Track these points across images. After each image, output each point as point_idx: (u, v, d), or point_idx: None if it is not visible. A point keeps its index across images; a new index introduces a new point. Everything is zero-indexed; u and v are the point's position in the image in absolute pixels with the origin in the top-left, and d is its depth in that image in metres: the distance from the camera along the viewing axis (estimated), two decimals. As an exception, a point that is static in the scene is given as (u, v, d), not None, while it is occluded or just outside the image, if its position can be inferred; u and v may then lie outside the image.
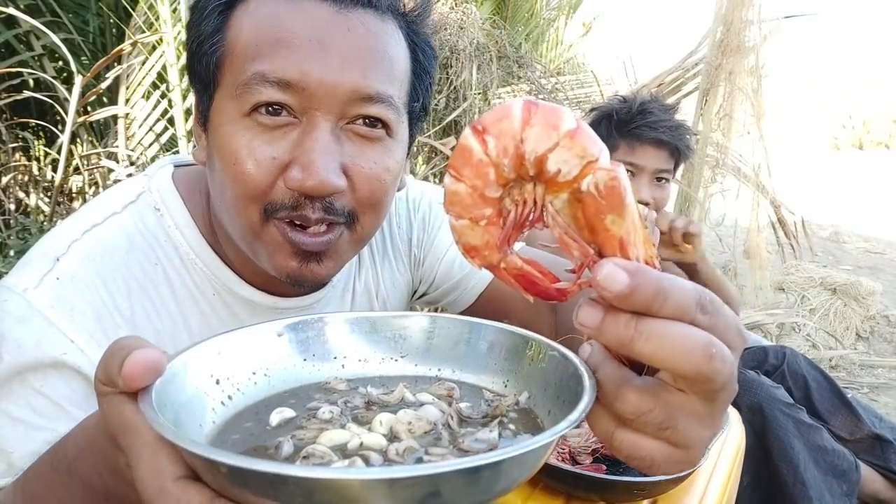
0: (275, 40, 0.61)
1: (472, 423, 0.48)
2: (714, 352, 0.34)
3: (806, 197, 7.00)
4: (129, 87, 3.37)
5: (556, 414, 0.47)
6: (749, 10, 3.28)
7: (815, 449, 1.49)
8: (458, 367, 0.57)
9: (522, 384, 0.53)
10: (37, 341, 0.62)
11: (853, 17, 37.05)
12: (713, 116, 3.41)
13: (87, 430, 0.48)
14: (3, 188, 3.28)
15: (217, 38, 0.64)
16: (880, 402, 2.77)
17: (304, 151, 0.61)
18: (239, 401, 0.49)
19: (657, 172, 1.52)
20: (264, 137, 0.62)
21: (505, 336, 0.56)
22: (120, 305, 0.67)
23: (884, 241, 6.28)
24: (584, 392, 0.41)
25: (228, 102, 0.64)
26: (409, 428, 0.46)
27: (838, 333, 3.39)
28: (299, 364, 0.54)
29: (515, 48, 5.11)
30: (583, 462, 0.86)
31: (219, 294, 0.75)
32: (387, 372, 0.57)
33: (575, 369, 0.45)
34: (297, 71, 0.61)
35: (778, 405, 1.49)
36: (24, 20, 3.12)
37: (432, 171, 4.31)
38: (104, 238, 0.69)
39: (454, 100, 4.42)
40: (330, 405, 0.49)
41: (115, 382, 0.39)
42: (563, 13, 6.90)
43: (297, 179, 0.61)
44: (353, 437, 0.44)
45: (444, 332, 0.58)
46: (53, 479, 0.51)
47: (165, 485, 0.37)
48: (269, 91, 0.61)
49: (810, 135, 20.10)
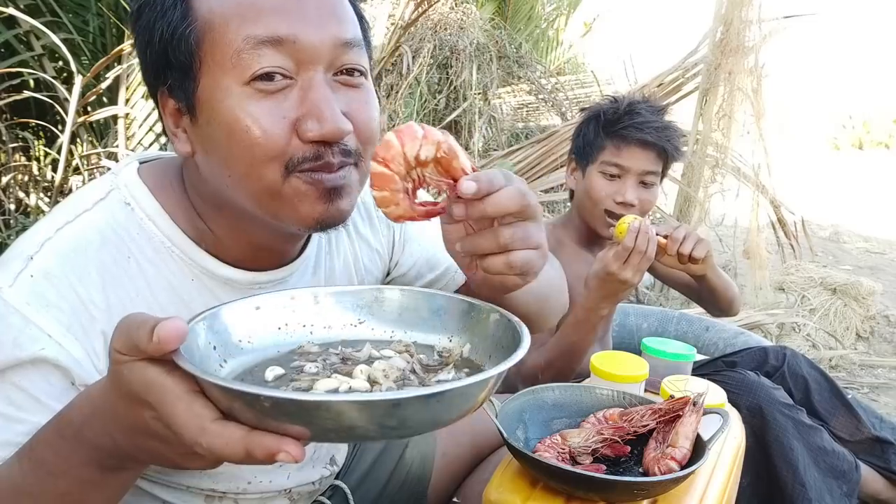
0: (256, 6, 0.65)
1: (431, 370, 0.61)
2: (523, 191, 0.59)
3: (806, 197, 6.99)
4: (129, 87, 3.36)
5: (496, 358, 0.59)
6: (749, 10, 3.28)
7: (814, 450, 1.49)
8: (408, 329, 0.68)
9: (465, 338, 0.66)
10: (14, 339, 0.64)
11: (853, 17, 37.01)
12: (713, 116, 3.41)
13: (91, 399, 0.53)
14: (3, 188, 3.28)
15: (188, 21, 0.66)
16: (880, 402, 2.77)
17: (313, 104, 0.66)
18: (232, 364, 0.59)
19: (643, 174, 1.50)
20: (269, 101, 0.66)
21: (449, 301, 0.68)
22: (95, 298, 0.69)
23: (884, 241, 6.27)
24: (521, 338, 0.56)
25: (221, 78, 0.66)
26: (385, 374, 0.57)
27: (838, 333, 3.38)
28: (274, 332, 0.64)
29: (515, 48, 5.10)
30: (583, 462, 0.87)
31: (198, 279, 0.76)
32: (348, 336, 0.68)
33: (510, 322, 0.61)
34: (284, 26, 0.65)
35: (777, 406, 1.49)
36: (24, 20, 3.11)
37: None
38: (76, 235, 0.70)
39: (454, 100, 4.42)
40: (311, 363, 0.60)
41: (137, 350, 0.46)
42: (563, 13, 6.90)
43: (315, 130, 0.66)
44: (341, 384, 0.54)
45: (395, 300, 0.70)
46: (61, 445, 0.55)
47: (205, 425, 0.45)
48: (264, 52, 0.65)
49: (810, 135, 20.10)
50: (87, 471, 0.55)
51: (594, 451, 0.87)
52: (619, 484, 0.80)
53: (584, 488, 0.81)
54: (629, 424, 0.88)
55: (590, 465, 0.86)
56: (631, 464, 0.88)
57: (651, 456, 0.84)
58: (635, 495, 0.81)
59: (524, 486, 0.85)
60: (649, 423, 0.87)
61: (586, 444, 0.86)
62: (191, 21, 0.66)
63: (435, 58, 4.31)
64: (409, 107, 4.10)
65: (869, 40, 31.71)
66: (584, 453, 0.87)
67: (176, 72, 0.69)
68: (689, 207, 3.64)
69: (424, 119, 4.33)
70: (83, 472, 0.55)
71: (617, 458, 0.88)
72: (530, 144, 3.55)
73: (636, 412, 0.89)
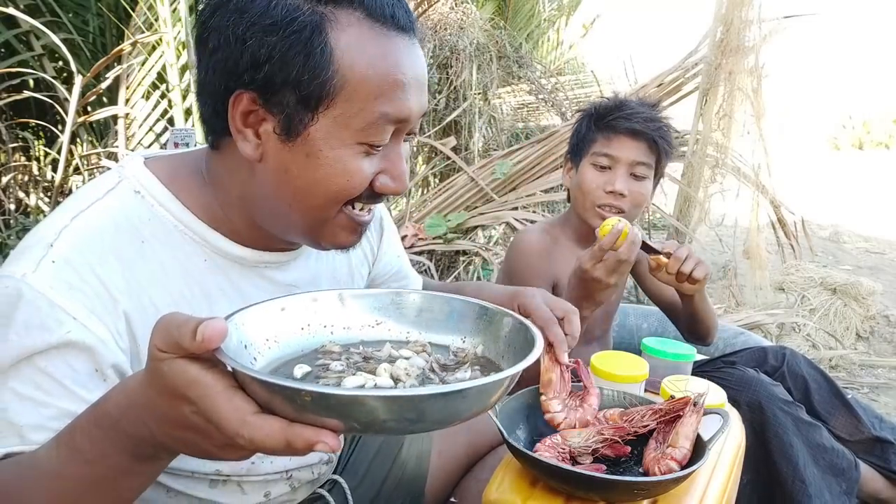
0: (392, 84, 0.72)
1: (448, 369, 0.65)
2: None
3: (806, 197, 6.99)
4: (129, 87, 3.37)
5: (509, 358, 0.64)
6: (749, 10, 3.28)
7: (814, 447, 1.49)
8: (423, 330, 0.73)
9: (478, 339, 0.70)
10: (42, 322, 0.67)
11: (853, 17, 37.01)
12: (713, 116, 3.41)
13: (127, 392, 0.55)
14: (3, 188, 3.28)
15: (331, 68, 0.70)
16: (880, 402, 2.77)
17: (394, 166, 0.77)
18: (261, 361, 0.62)
19: (634, 165, 1.49)
20: (368, 160, 0.75)
21: (466, 305, 0.72)
22: (115, 280, 0.72)
23: (884, 241, 6.27)
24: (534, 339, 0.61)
25: (341, 130, 0.73)
26: (407, 372, 0.61)
27: (838, 333, 3.38)
28: (297, 332, 0.68)
29: (515, 48, 5.10)
30: (583, 462, 0.87)
31: (210, 259, 0.81)
32: (367, 336, 0.72)
33: (522, 325, 0.66)
34: (407, 108, 0.74)
35: (777, 403, 1.49)
36: (24, 20, 3.11)
37: (432, 171, 4.31)
38: (91, 222, 0.74)
39: (454, 100, 4.41)
40: (335, 361, 0.63)
41: (179, 348, 0.48)
42: (563, 13, 6.90)
43: (390, 186, 0.77)
44: (367, 381, 0.58)
45: (412, 302, 0.74)
46: (98, 435, 0.57)
47: (247, 418, 0.47)
48: (389, 127, 0.74)
49: (810, 135, 20.09)
50: (122, 459, 0.58)
51: (594, 451, 0.87)
52: (619, 484, 0.80)
53: (584, 488, 0.81)
54: (629, 424, 0.88)
55: (590, 465, 0.86)
56: (631, 464, 0.88)
57: (651, 456, 0.85)
58: (635, 495, 0.81)
59: (524, 485, 0.85)
60: (649, 424, 0.87)
61: (586, 444, 0.86)
62: (335, 69, 0.70)
63: (435, 58, 4.31)
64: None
65: (869, 40, 31.72)
66: (585, 453, 0.87)
67: (294, 95, 0.71)
68: (689, 207, 3.64)
69: (424, 119, 4.33)
70: (118, 461, 0.58)
71: (617, 459, 0.88)
72: (530, 144, 3.54)
73: (636, 412, 0.89)
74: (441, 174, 4.32)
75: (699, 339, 1.63)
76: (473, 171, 3.44)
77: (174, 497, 0.83)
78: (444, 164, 4.11)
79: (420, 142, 4.21)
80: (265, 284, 0.87)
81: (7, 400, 0.66)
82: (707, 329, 1.60)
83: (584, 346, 1.65)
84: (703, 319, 1.57)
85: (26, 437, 0.66)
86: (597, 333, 1.70)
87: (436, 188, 3.75)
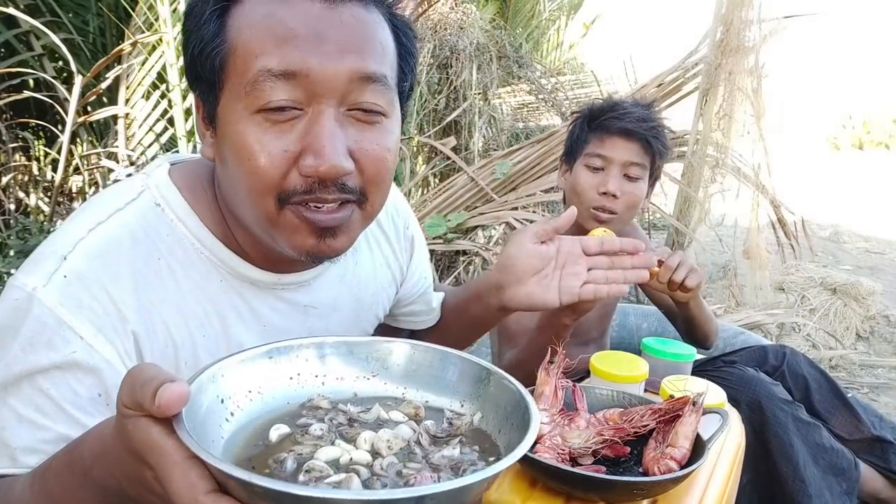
0: (275, 38, 0.65)
1: (438, 441, 0.59)
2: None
3: (806, 197, 6.99)
4: (129, 87, 3.37)
5: (505, 433, 0.59)
6: (749, 10, 3.28)
7: (814, 447, 1.48)
8: (421, 387, 0.67)
9: (477, 406, 0.64)
10: (49, 340, 0.65)
11: (853, 17, 36.99)
12: (713, 116, 3.40)
13: (102, 438, 0.53)
14: (3, 188, 3.28)
15: (217, 41, 0.68)
16: (880, 402, 2.77)
17: (314, 139, 0.66)
18: (240, 417, 0.57)
19: (627, 165, 1.47)
20: (274, 132, 0.67)
21: (466, 364, 0.66)
22: (126, 299, 0.70)
23: (884, 241, 6.26)
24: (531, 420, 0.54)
25: (236, 102, 0.67)
26: (389, 444, 0.56)
27: (838, 333, 3.38)
28: (286, 383, 0.62)
29: (516, 48, 5.10)
30: (584, 463, 0.87)
31: (225, 280, 0.78)
32: (360, 389, 0.66)
33: (523, 400, 0.58)
34: (299, 61, 0.65)
35: (777, 402, 1.48)
36: (24, 20, 3.11)
37: (432, 172, 4.31)
38: (108, 235, 0.71)
39: (454, 100, 4.41)
40: (318, 422, 0.58)
41: (141, 407, 0.45)
42: (563, 13, 6.90)
43: (311, 166, 0.66)
44: (343, 454, 0.54)
45: (411, 356, 0.68)
46: (70, 481, 0.56)
47: (199, 498, 0.44)
48: (277, 85, 0.65)
49: (810, 135, 20.09)
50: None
51: (594, 451, 0.87)
52: (618, 484, 0.80)
53: (583, 488, 0.81)
54: (629, 425, 0.88)
55: (590, 466, 0.86)
56: (631, 464, 0.88)
57: (651, 456, 0.84)
58: (635, 495, 0.81)
59: (524, 486, 0.85)
60: (649, 424, 0.87)
61: (586, 444, 0.86)
62: (220, 41, 0.68)
63: (435, 58, 4.31)
64: (410, 107, 4.11)
65: (869, 40, 31.69)
66: (585, 454, 0.87)
67: (204, 83, 0.70)
68: (689, 207, 3.64)
69: (424, 119, 4.33)
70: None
71: (617, 459, 0.88)
72: (530, 144, 3.54)
73: (636, 412, 0.89)
74: (441, 174, 4.32)
75: (697, 343, 1.62)
76: (473, 171, 3.43)
77: None
78: (444, 164, 4.11)
79: (420, 142, 4.21)
80: (282, 306, 0.83)
81: (6, 418, 0.65)
82: (705, 334, 1.59)
83: (582, 346, 1.65)
84: (700, 325, 1.57)
85: (18, 459, 0.65)
86: (594, 334, 1.70)
87: (436, 188, 3.75)
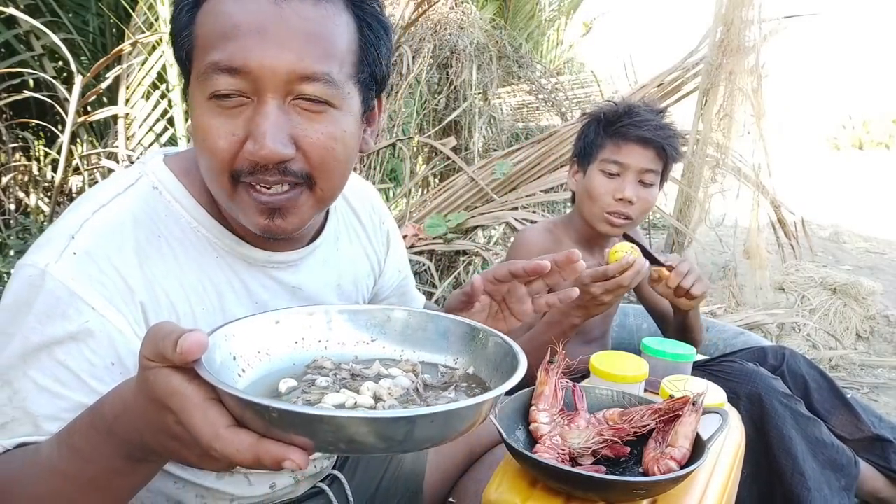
0: (223, 33, 0.71)
1: (434, 389, 0.65)
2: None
3: (806, 197, 6.99)
4: (129, 87, 3.37)
5: (497, 380, 0.63)
6: (749, 10, 3.28)
7: (813, 441, 1.48)
8: (417, 349, 0.73)
9: (469, 360, 0.70)
10: (63, 312, 0.70)
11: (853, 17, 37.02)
12: (713, 116, 3.41)
13: (123, 396, 0.57)
14: (3, 188, 3.28)
15: (185, 33, 0.74)
16: (880, 402, 2.77)
17: (255, 126, 0.72)
18: (250, 374, 0.63)
19: (643, 172, 1.51)
20: (224, 116, 0.73)
21: (457, 325, 0.72)
22: (133, 273, 0.75)
23: (884, 241, 6.26)
24: (518, 365, 0.60)
25: (197, 87, 0.74)
26: (390, 392, 0.61)
27: (838, 333, 3.38)
28: (291, 346, 0.68)
29: (516, 48, 5.10)
30: (584, 463, 0.87)
31: (221, 257, 0.84)
32: (360, 353, 0.72)
33: (511, 349, 0.64)
34: (241, 58, 0.70)
35: (776, 395, 1.48)
36: (24, 20, 3.11)
37: (432, 172, 4.31)
38: (112, 216, 0.77)
39: (454, 100, 4.41)
40: (323, 377, 0.63)
41: (163, 359, 0.49)
42: (563, 13, 6.91)
43: (251, 151, 0.72)
44: (348, 399, 0.58)
45: (406, 321, 0.74)
46: (94, 436, 0.60)
47: (219, 432, 0.48)
48: (222, 77, 0.71)
49: (810, 135, 20.09)
50: (116, 460, 0.60)
51: (594, 451, 0.87)
52: (618, 484, 0.80)
53: (583, 488, 0.81)
54: (629, 425, 0.88)
55: (590, 466, 0.86)
56: (630, 464, 0.88)
57: (650, 456, 0.85)
58: (634, 495, 0.81)
59: (523, 486, 0.86)
60: (649, 424, 0.87)
61: (586, 444, 0.86)
62: (188, 34, 0.74)
63: (435, 58, 4.31)
64: (409, 107, 4.11)
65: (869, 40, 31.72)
66: (585, 454, 0.87)
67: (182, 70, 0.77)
68: (689, 207, 3.64)
69: (424, 119, 4.33)
70: (112, 462, 0.60)
71: (617, 459, 0.88)
72: (530, 144, 3.54)
73: (636, 412, 0.89)
74: (441, 174, 4.32)
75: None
76: (473, 171, 3.43)
77: (181, 487, 0.84)
78: (444, 164, 4.11)
79: (420, 142, 4.21)
80: (272, 285, 0.88)
81: (27, 389, 0.69)
82: (694, 342, 1.61)
83: (584, 346, 1.65)
84: (693, 333, 1.59)
85: (41, 426, 0.69)
86: (596, 334, 1.71)
87: (436, 188, 3.75)
